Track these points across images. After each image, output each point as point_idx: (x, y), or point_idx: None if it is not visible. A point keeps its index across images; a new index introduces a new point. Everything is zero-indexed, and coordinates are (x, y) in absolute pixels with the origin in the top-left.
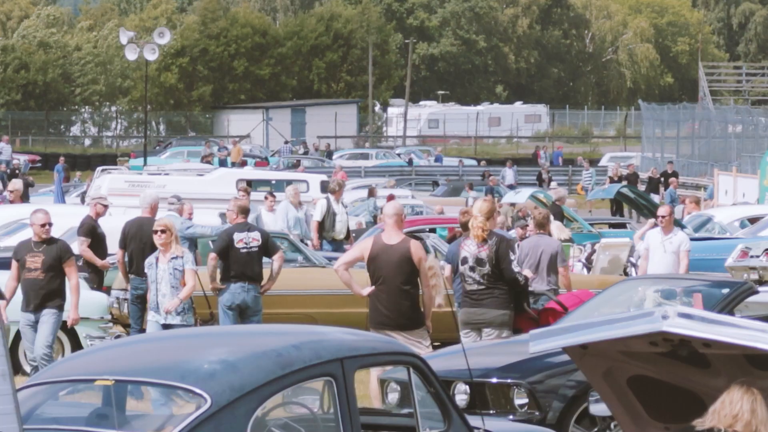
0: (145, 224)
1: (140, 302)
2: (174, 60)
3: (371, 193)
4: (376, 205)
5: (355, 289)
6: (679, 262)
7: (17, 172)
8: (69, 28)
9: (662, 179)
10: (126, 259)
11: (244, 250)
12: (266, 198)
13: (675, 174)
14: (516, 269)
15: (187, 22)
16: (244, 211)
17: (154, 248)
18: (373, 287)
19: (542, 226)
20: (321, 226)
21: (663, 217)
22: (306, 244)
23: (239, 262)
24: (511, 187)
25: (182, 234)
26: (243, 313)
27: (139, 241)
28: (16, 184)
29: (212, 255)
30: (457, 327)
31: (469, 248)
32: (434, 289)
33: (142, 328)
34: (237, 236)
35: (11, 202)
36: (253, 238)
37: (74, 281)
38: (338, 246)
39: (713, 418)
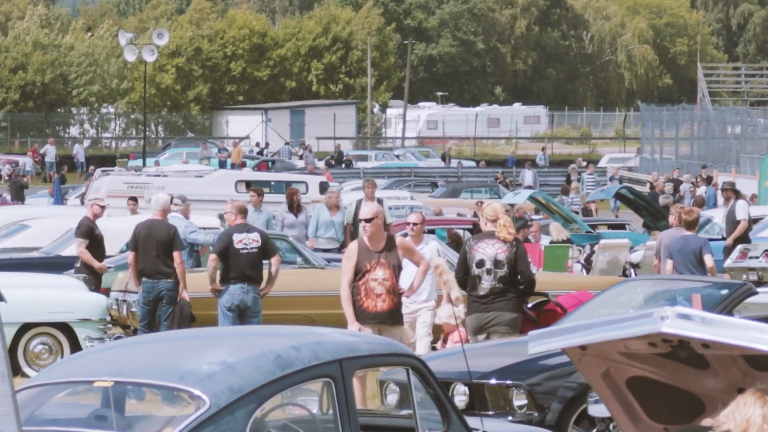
0: (155, 226)
1: (151, 305)
2: (169, 60)
3: None
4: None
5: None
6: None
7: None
8: (67, 28)
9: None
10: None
11: (244, 251)
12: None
13: (709, 178)
14: (534, 270)
15: (180, 21)
16: (243, 211)
17: (165, 250)
18: None
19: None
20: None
21: (415, 224)
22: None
23: (239, 263)
24: (530, 188)
25: (185, 238)
26: (242, 314)
27: (150, 244)
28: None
29: (212, 256)
30: (458, 328)
31: (486, 250)
32: (446, 285)
33: (150, 330)
34: (236, 237)
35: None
36: (253, 239)
37: None
38: None
39: (728, 421)
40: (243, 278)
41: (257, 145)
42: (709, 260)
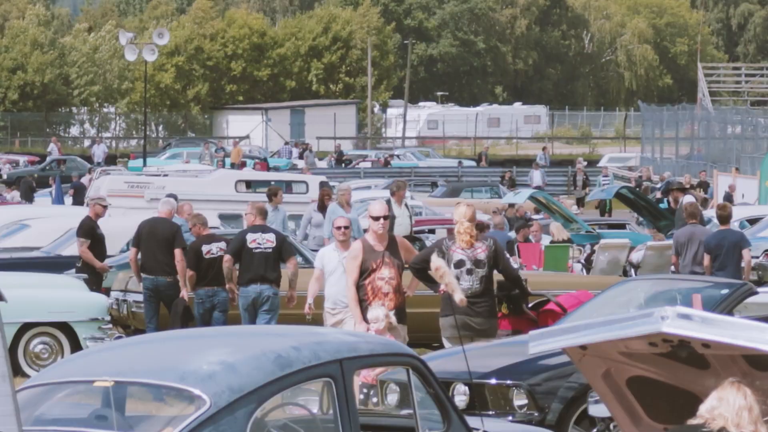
0: (158, 224)
1: (154, 301)
2: (169, 59)
3: None
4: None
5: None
6: None
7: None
8: (68, 29)
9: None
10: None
11: (257, 251)
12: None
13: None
14: (516, 266)
15: (181, 21)
16: (262, 213)
17: (166, 247)
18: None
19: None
20: None
21: (346, 228)
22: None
23: (253, 263)
24: (538, 189)
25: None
26: (257, 309)
27: (152, 241)
28: None
29: (227, 257)
30: (459, 332)
31: (465, 251)
32: (448, 287)
33: (156, 327)
34: (250, 237)
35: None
36: (267, 239)
37: None
38: None
39: (717, 418)
40: (258, 279)
41: (296, 145)
42: (747, 254)
